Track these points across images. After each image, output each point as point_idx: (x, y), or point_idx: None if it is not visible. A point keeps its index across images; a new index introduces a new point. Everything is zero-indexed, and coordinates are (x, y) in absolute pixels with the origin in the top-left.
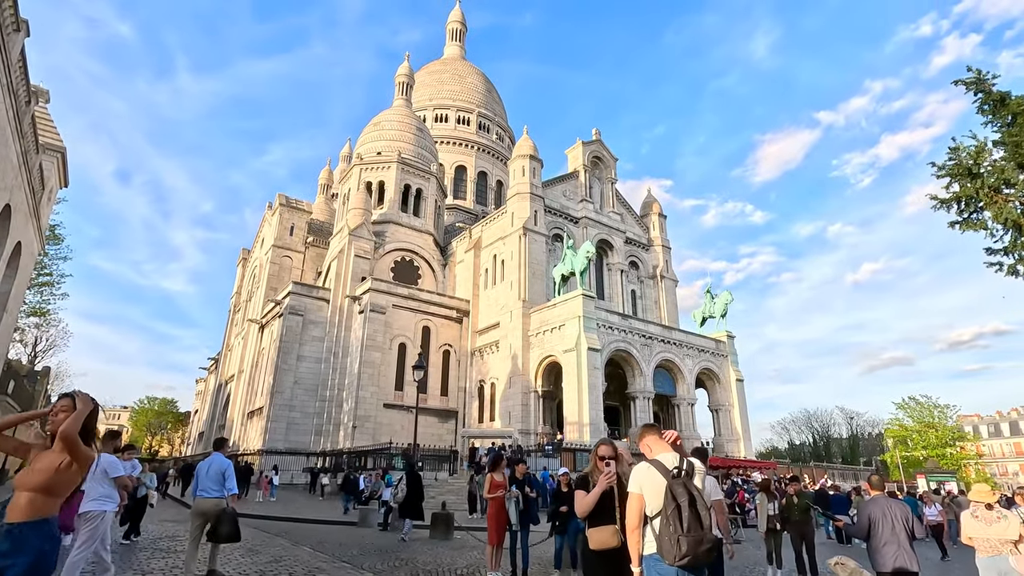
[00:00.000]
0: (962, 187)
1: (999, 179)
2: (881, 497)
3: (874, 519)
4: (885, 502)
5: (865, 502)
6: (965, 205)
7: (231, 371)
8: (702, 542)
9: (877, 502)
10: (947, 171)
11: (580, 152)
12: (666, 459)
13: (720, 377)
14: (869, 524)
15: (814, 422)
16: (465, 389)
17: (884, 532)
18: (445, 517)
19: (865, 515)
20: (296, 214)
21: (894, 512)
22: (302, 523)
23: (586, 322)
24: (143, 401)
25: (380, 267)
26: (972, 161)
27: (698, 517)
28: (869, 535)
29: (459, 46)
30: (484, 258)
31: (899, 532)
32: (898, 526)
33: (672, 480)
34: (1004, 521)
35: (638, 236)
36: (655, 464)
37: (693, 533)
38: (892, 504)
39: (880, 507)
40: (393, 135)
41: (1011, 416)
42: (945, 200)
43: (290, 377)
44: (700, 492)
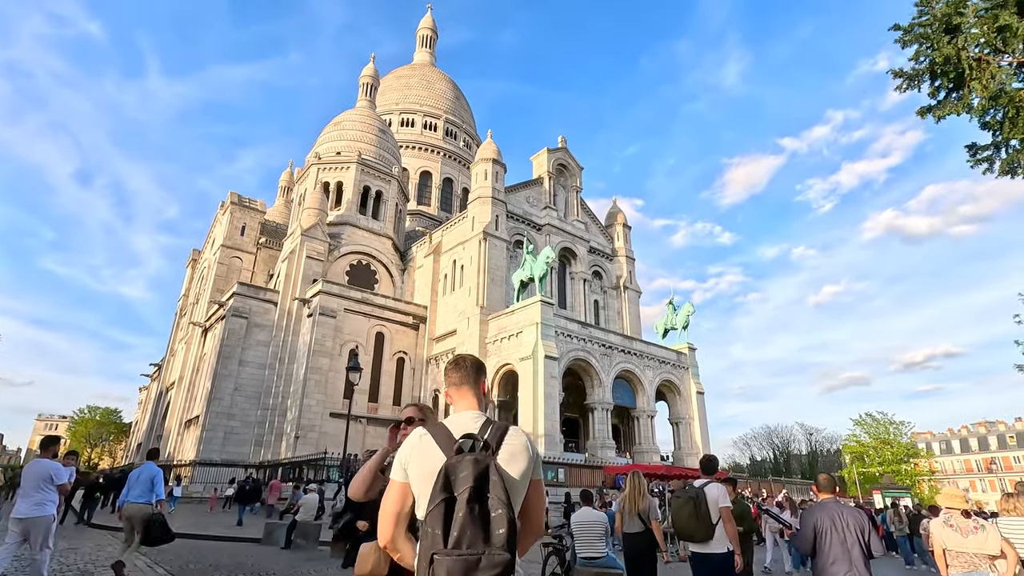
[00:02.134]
0: (938, 49)
1: (989, 35)
2: (831, 502)
3: (820, 529)
4: (836, 508)
5: (810, 508)
6: (940, 78)
7: (173, 378)
8: (477, 567)
9: (825, 508)
10: (916, 34)
11: (545, 159)
12: (461, 422)
13: (681, 389)
14: (814, 536)
15: (775, 438)
16: (420, 399)
17: (832, 546)
18: (316, 531)
19: (809, 524)
20: (248, 213)
21: (845, 521)
22: (189, 538)
23: (544, 329)
24: (83, 411)
25: (334, 270)
26: (952, 11)
27: (483, 524)
28: (814, 550)
29: (429, 52)
30: (444, 263)
31: (852, 547)
32: (850, 539)
33: (454, 457)
34: (983, 532)
35: (602, 246)
36: (435, 431)
37: (463, 550)
38: (844, 512)
39: (828, 514)
40: (354, 135)
41: (962, 434)
42: (913, 75)
43: (230, 383)
44: (504, 482)
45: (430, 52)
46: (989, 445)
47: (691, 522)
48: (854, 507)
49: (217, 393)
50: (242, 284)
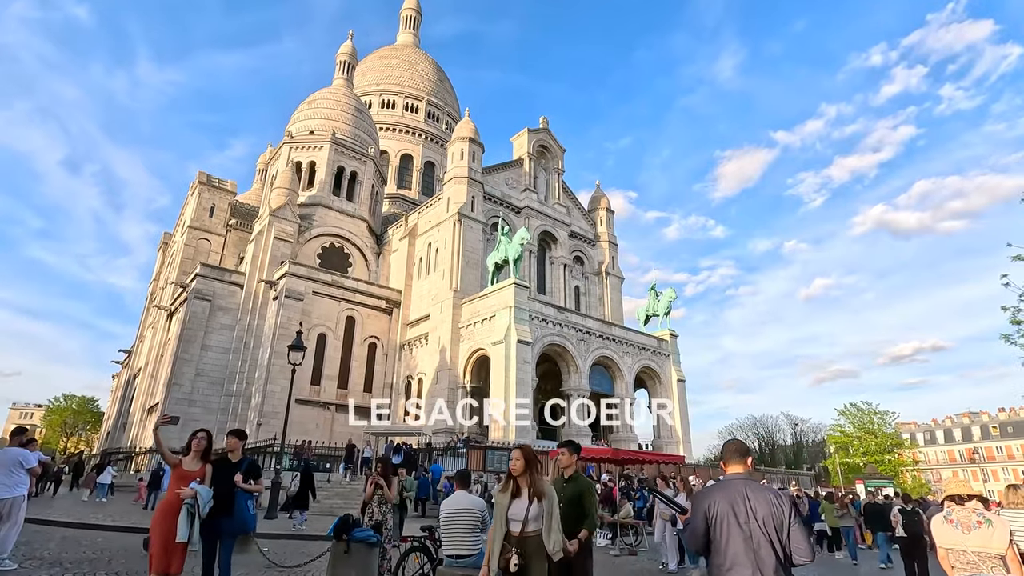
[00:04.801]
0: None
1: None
2: (737, 480)
3: (715, 519)
4: (742, 490)
5: (704, 489)
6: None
7: (140, 364)
8: None
9: (726, 489)
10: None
11: (526, 140)
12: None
13: (661, 376)
14: (707, 527)
15: (759, 428)
16: (392, 385)
17: (730, 544)
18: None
19: (700, 512)
20: (217, 194)
21: (753, 509)
22: (66, 527)
23: (517, 313)
24: (58, 399)
25: (305, 252)
26: None
27: None
28: (709, 548)
29: (413, 34)
30: (419, 246)
31: (759, 547)
32: (757, 535)
33: None
34: (987, 528)
35: (584, 231)
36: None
37: None
38: (753, 496)
39: (729, 498)
40: (328, 114)
41: (946, 424)
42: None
43: (191, 368)
44: None
45: (414, 33)
46: (972, 435)
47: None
48: (771, 490)
49: (177, 379)
50: (205, 265)
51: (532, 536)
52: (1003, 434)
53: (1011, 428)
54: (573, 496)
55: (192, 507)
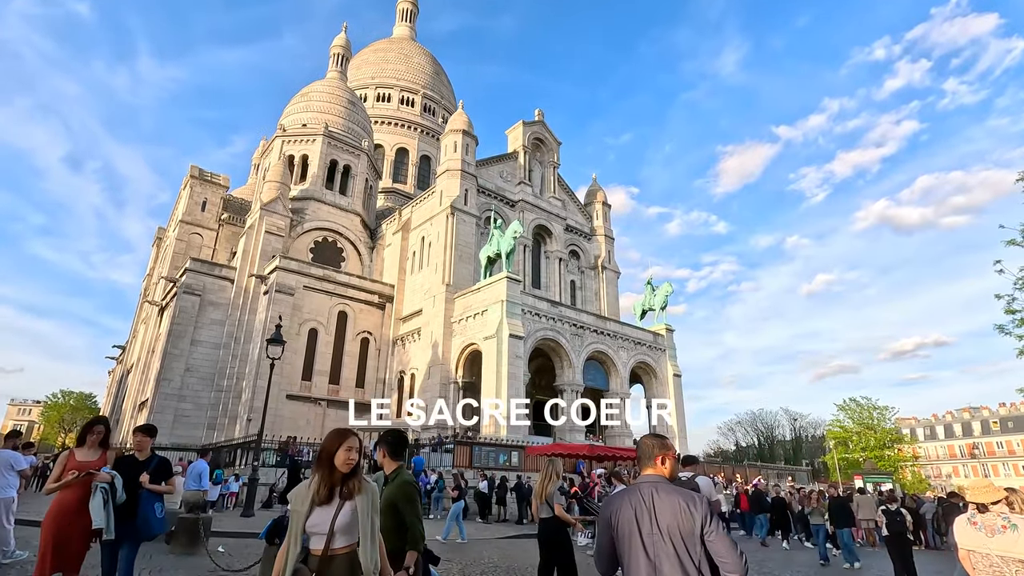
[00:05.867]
0: None
1: None
2: (645, 484)
3: (620, 531)
4: (649, 493)
5: (610, 496)
6: None
7: (133, 360)
8: None
9: (631, 495)
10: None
11: (520, 132)
12: None
13: (657, 371)
14: (611, 543)
15: (759, 423)
16: (385, 380)
17: (634, 564)
18: (191, 523)
19: (604, 524)
20: (209, 188)
21: (656, 516)
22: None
23: (510, 307)
24: (55, 396)
25: (297, 247)
26: None
27: None
28: (617, 562)
29: (409, 27)
30: (412, 240)
31: (662, 562)
32: (663, 548)
33: None
34: (1012, 532)
35: (580, 225)
36: None
37: None
38: (660, 500)
39: (633, 505)
40: (321, 107)
41: (946, 419)
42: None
43: (181, 364)
44: None
45: (410, 27)
46: (973, 431)
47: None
48: (684, 492)
49: (167, 374)
50: (195, 260)
51: (341, 554)
52: (1003, 429)
53: (1011, 423)
54: (386, 504)
55: (107, 492)
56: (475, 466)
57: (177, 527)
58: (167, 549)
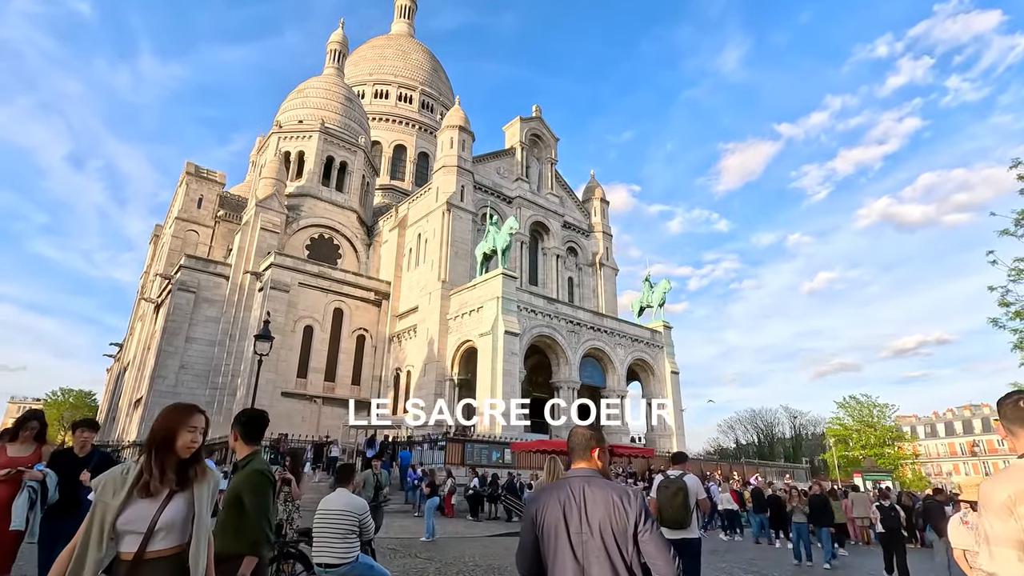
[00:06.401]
0: None
1: None
2: (576, 479)
3: (545, 530)
4: (580, 488)
5: (535, 492)
6: None
7: (129, 357)
8: None
9: (559, 491)
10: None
11: (518, 129)
12: None
13: (655, 369)
14: (535, 542)
15: (759, 421)
16: (381, 378)
17: (559, 564)
18: None
19: (527, 521)
20: (206, 185)
21: (587, 515)
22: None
23: (505, 304)
24: (55, 394)
25: (293, 243)
26: None
27: None
28: (544, 564)
29: (408, 23)
30: (409, 237)
31: (592, 566)
32: (593, 547)
33: None
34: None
35: (578, 221)
36: None
37: None
38: (591, 496)
39: (561, 501)
40: (318, 103)
41: (947, 417)
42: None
43: (175, 361)
44: None
45: (408, 23)
46: (973, 428)
47: (681, 511)
48: (618, 487)
49: (161, 371)
50: (190, 257)
51: (161, 558)
52: None
53: None
54: (231, 496)
55: (35, 491)
56: (467, 463)
57: None
58: None
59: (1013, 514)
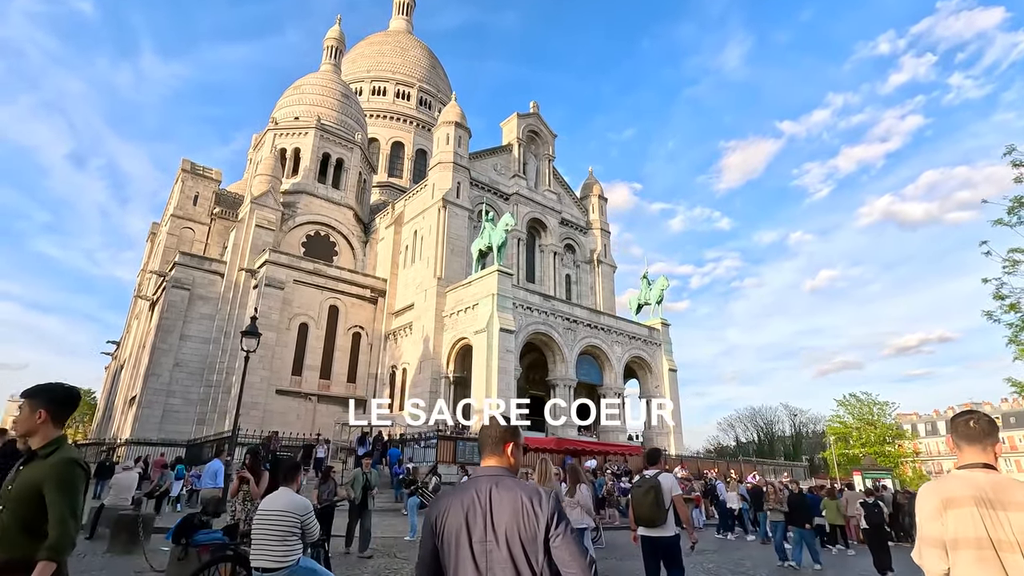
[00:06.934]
0: None
1: None
2: (484, 478)
3: (446, 535)
4: (486, 490)
5: (440, 495)
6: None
7: (126, 355)
8: None
9: (465, 492)
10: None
11: (515, 125)
12: None
13: (652, 366)
14: (435, 551)
15: (759, 419)
16: (376, 375)
17: (459, 569)
18: (130, 522)
19: (427, 529)
20: (202, 182)
21: (493, 521)
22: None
23: (500, 301)
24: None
25: (289, 240)
26: None
27: None
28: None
29: (406, 19)
30: (405, 234)
31: (494, 570)
32: (496, 554)
33: None
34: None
35: (576, 218)
36: None
37: None
38: (499, 499)
39: (466, 502)
40: (314, 99)
41: (948, 415)
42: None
43: (169, 358)
44: None
45: (407, 19)
46: None
47: (652, 509)
48: (529, 487)
49: (155, 369)
50: (184, 254)
51: None
52: (1006, 425)
53: (1014, 419)
54: (26, 489)
55: None
56: (458, 461)
57: (116, 526)
58: (105, 549)
59: (940, 519)
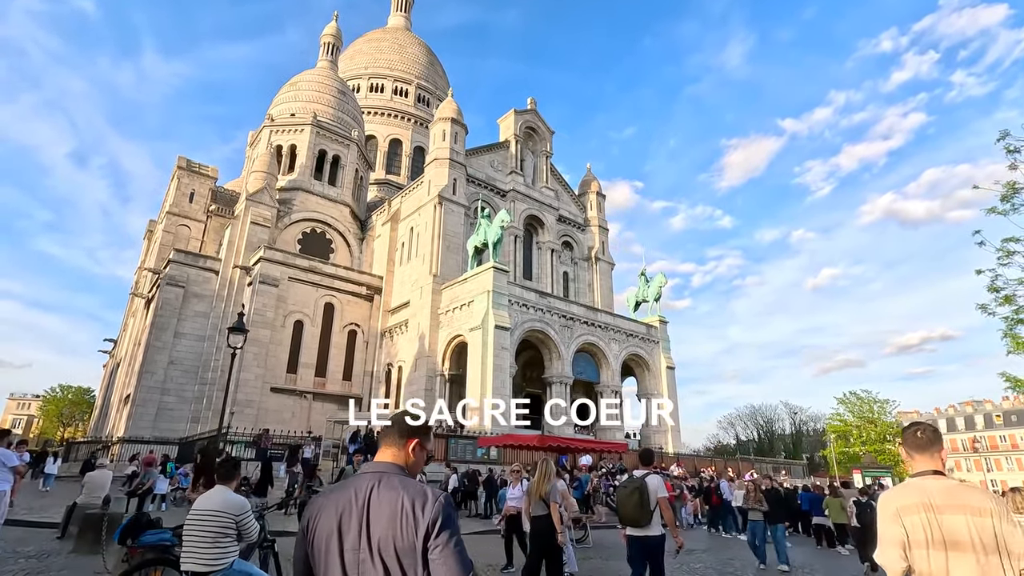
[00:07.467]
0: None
1: None
2: (367, 475)
3: (315, 545)
4: (366, 490)
5: (316, 496)
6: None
7: (122, 353)
8: None
9: (343, 492)
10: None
11: (512, 121)
12: None
13: (650, 364)
14: (307, 559)
15: (759, 417)
16: (372, 373)
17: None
18: (96, 521)
19: (300, 532)
20: (198, 179)
21: (368, 527)
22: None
23: (496, 298)
24: (54, 390)
25: (284, 238)
26: None
27: None
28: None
29: (404, 16)
30: (401, 231)
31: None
32: (370, 566)
33: None
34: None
35: (573, 215)
36: None
37: None
38: (378, 501)
39: (341, 504)
40: (310, 96)
41: (948, 413)
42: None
43: (164, 356)
44: None
45: (405, 16)
46: (976, 424)
47: (636, 510)
48: (415, 488)
49: (149, 366)
50: (179, 251)
51: None
52: (1007, 423)
53: (1015, 416)
54: None
55: None
56: (451, 459)
57: (83, 525)
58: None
59: (899, 522)
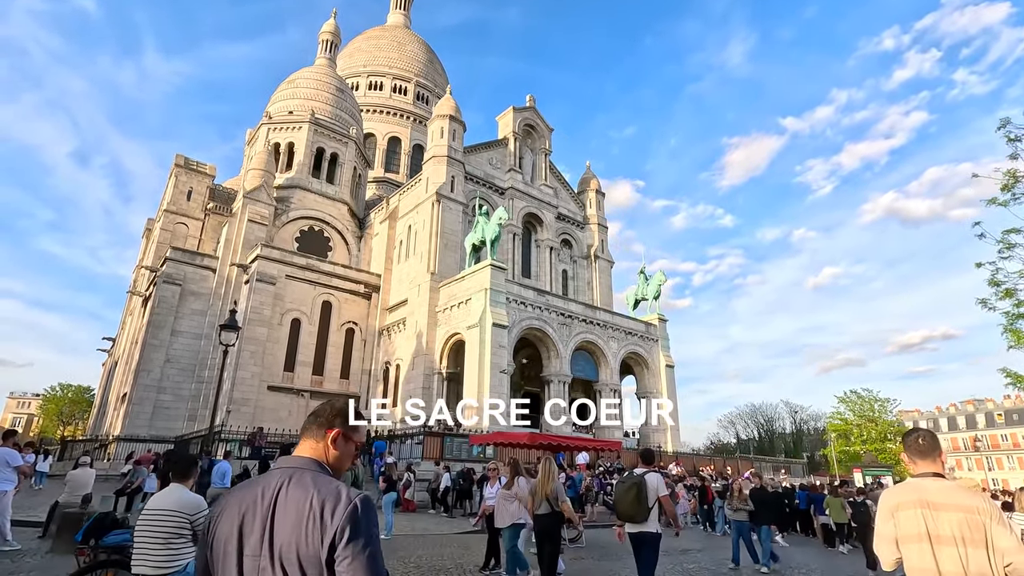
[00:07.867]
0: None
1: None
2: (278, 472)
3: (215, 552)
4: (274, 488)
5: (223, 494)
6: None
7: (120, 352)
8: None
9: (249, 490)
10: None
11: (511, 119)
12: None
13: (649, 362)
14: (206, 564)
15: (759, 416)
16: (370, 372)
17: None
18: (74, 520)
19: (202, 533)
20: (196, 177)
21: (272, 531)
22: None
23: (493, 295)
24: (54, 389)
25: (282, 236)
26: None
27: None
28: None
29: (404, 14)
30: (399, 229)
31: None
32: (270, 571)
33: None
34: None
35: (572, 213)
36: None
37: None
38: (284, 501)
39: (245, 505)
40: (308, 93)
41: (950, 412)
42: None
43: (160, 354)
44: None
45: (404, 14)
46: (977, 423)
47: (633, 506)
48: (329, 487)
49: (145, 365)
50: (176, 249)
51: None
52: (1008, 421)
53: (1016, 415)
54: None
55: None
56: (446, 458)
57: (62, 524)
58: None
59: (893, 518)
